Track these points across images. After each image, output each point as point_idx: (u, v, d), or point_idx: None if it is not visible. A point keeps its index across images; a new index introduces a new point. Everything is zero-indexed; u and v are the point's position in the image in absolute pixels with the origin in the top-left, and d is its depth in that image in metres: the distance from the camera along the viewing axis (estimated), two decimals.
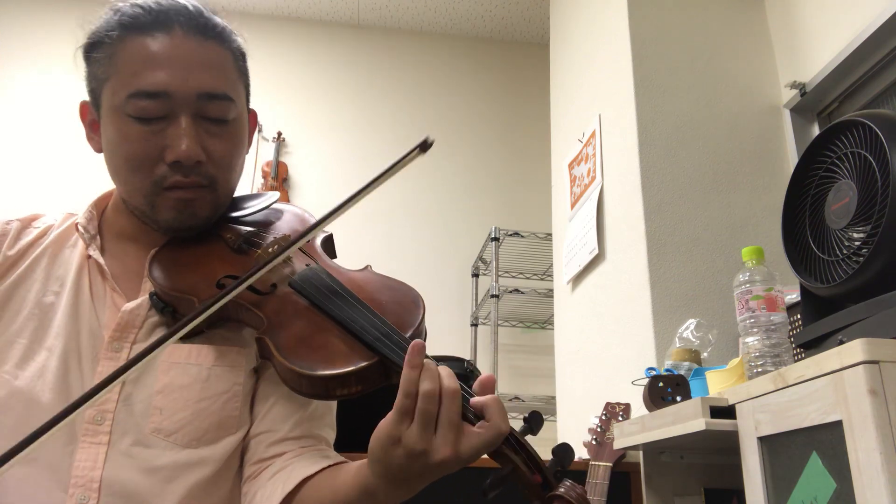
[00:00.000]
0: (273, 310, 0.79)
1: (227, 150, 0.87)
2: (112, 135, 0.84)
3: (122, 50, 0.83)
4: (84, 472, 0.76)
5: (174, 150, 0.81)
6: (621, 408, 1.71)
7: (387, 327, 0.73)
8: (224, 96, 0.85)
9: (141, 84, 0.81)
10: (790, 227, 1.32)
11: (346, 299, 0.78)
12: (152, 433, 0.79)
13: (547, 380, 2.94)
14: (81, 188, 3.48)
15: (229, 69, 0.87)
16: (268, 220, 0.95)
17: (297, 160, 3.97)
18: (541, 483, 0.64)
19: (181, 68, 0.82)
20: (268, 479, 0.82)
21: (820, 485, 0.97)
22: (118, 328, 0.83)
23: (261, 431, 0.86)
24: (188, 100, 0.82)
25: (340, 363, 0.71)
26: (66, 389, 0.80)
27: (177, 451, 0.80)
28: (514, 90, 4.30)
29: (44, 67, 3.84)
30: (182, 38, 0.83)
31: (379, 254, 3.67)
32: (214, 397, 0.83)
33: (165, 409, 0.80)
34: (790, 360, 1.28)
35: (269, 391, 0.88)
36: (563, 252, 2.67)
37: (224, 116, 0.85)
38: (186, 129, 0.82)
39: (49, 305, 0.84)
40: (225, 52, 0.87)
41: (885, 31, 1.89)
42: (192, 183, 0.84)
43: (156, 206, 0.85)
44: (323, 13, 4.22)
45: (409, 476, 0.66)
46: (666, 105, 2.22)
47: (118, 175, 0.87)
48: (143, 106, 0.81)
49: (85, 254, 0.89)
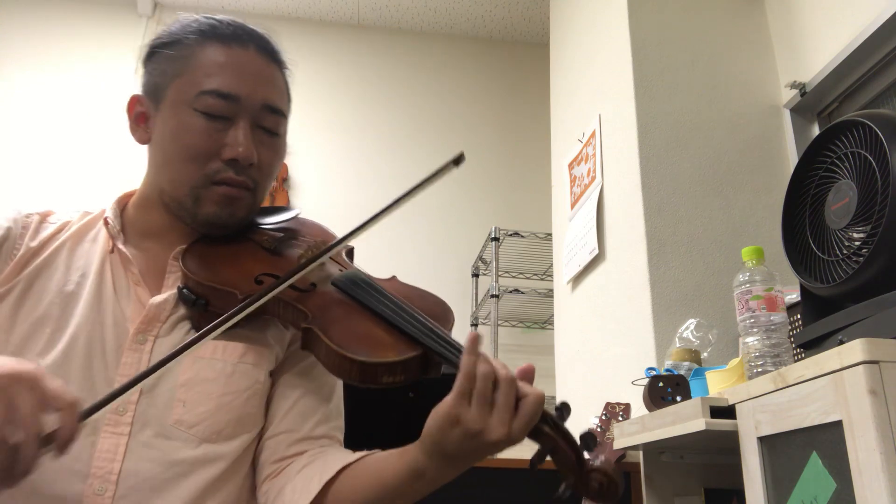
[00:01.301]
0: (317, 305, 0.84)
1: (273, 160, 0.94)
2: (174, 126, 0.89)
3: (199, 52, 0.90)
4: (104, 462, 0.78)
5: (233, 148, 0.88)
6: (621, 408, 1.71)
7: (430, 323, 0.79)
8: (281, 112, 0.94)
9: (215, 84, 0.88)
10: (790, 227, 1.32)
11: (385, 296, 0.84)
12: (174, 425, 0.81)
13: (547, 380, 2.94)
14: (81, 188, 3.49)
15: (285, 92, 0.97)
16: (295, 228, 1.01)
17: (297, 160, 3.97)
18: (576, 460, 0.70)
19: (252, 79, 0.90)
20: (297, 472, 0.84)
21: (820, 485, 0.97)
22: (145, 321, 0.85)
23: (281, 431, 0.88)
24: (253, 107, 0.90)
25: (389, 352, 0.76)
26: (90, 379, 0.81)
27: (195, 446, 0.82)
28: (514, 90, 4.29)
29: (44, 67, 3.84)
30: (255, 55, 0.92)
31: (379, 254, 3.66)
32: (237, 393, 0.85)
33: (188, 402, 0.83)
34: (790, 360, 1.28)
35: (288, 392, 0.90)
36: (563, 252, 2.67)
37: (276, 129, 0.94)
38: (246, 132, 0.89)
39: (70, 294, 0.86)
40: (283, 77, 0.97)
41: (885, 31, 1.89)
42: (240, 182, 0.89)
43: (200, 199, 0.89)
44: (323, 13, 4.22)
45: (462, 455, 0.70)
46: (666, 105, 2.22)
47: (169, 164, 0.91)
48: (213, 104, 0.88)
49: (107, 248, 0.91)
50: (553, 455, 0.70)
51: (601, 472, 0.69)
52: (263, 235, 0.96)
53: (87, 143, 3.70)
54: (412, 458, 0.74)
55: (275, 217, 1.02)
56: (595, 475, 0.69)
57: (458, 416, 0.68)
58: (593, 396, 2.21)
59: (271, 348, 0.90)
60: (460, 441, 0.68)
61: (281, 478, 0.85)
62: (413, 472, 0.74)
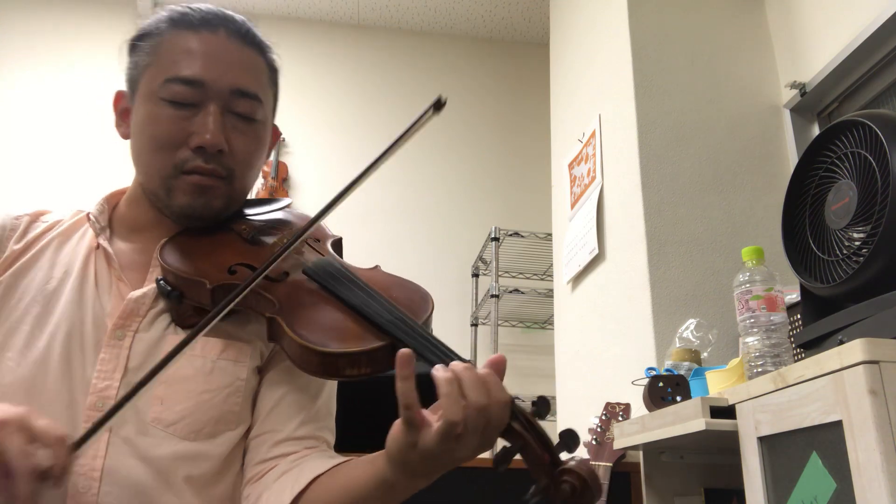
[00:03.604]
0: (285, 293, 0.81)
1: (249, 147, 0.90)
2: (142, 117, 0.88)
3: (167, 41, 0.89)
4: (87, 460, 0.77)
5: (200, 135, 0.85)
6: (621, 408, 1.71)
7: (400, 313, 0.74)
8: (254, 96, 0.90)
9: (179, 70, 0.86)
10: (790, 227, 1.32)
11: (358, 285, 0.80)
12: (152, 423, 0.80)
13: (547, 380, 2.94)
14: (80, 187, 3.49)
15: (262, 76, 0.93)
16: (281, 219, 0.99)
17: (297, 160, 3.97)
18: (549, 461, 0.64)
19: (219, 63, 0.87)
20: (274, 479, 0.82)
21: (820, 485, 0.97)
22: (122, 316, 0.84)
23: (264, 431, 0.86)
24: (221, 92, 0.87)
25: (353, 342, 0.72)
26: (69, 376, 0.80)
27: (175, 442, 0.80)
28: (514, 90, 4.29)
29: (44, 67, 3.84)
30: (225, 39, 0.89)
31: (379, 254, 3.66)
32: (217, 390, 0.84)
33: (166, 400, 0.81)
34: (790, 360, 1.28)
35: (273, 390, 0.88)
36: (563, 252, 2.67)
37: (251, 115, 0.90)
38: (214, 118, 0.86)
39: (52, 292, 0.85)
40: (261, 60, 0.93)
41: (885, 31, 1.89)
42: (210, 170, 0.87)
43: (172, 190, 0.88)
44: (323, 13, 4.22)
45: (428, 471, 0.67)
46: (666, 105, 2.22)
47: (141, 156, 0.90)
48: (178, 91, 0.86)
49: (92, 244, 0.90)
50: (522, 454, 0.65)
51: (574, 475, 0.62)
52: (243, 226, 0.93)
53: (86, 143, 3.70)
54: (380, 469, 0.71)
55: (262, 207, 1.00)
56: (568, 478, 0.62)
57: (413, 442, 0.64)
58: (593, 396, 2.21)
59: (253, 344, 0.88)
60: (421, 462, 0.65)
61: (260, 484, 0.83)
62: (383, 483, 0.71)
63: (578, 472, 0.62)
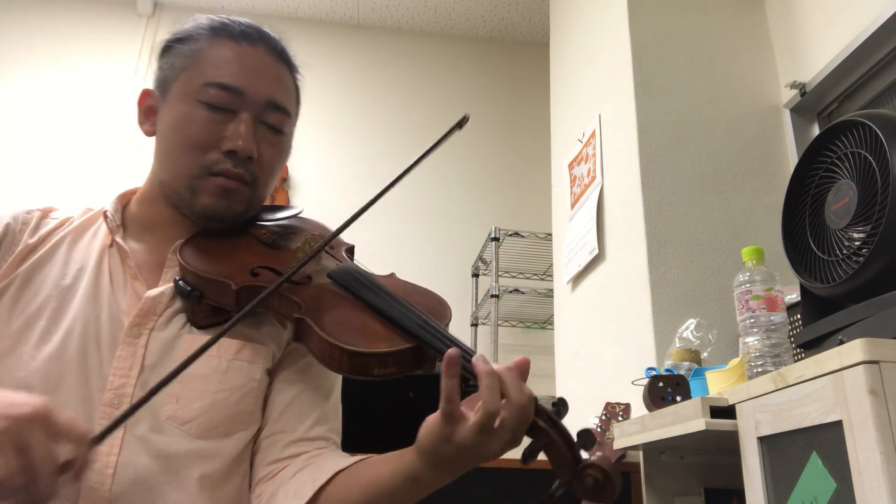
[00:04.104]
0: (311, 296, 0.83)
1: (275, 157, 0.94)
2: (176, 116, 0.90)
3: (208, 47, 0.92)
4: (101, 456, 0.77)
5: (233, 140, 0.88)
6: (621, 408, 1.71)
7: (426, 317, 0.78)
8: (285, 110, 0.94)
9: (220, 76, 0.89)
10: (790, 227, 1.32)
11: (382, 289, 0.83)
12: (167, 420, 0.81)
13: (547, 380, 2.94)
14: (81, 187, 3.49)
15: (292, 93, 0.98)
16: (295, 225, 1.02)
17: (297, 160, 3.97)
18: (571, 456, 0.67)
19: (258, 75, 0.92)
20: (290, 476, 0.83)
21: (820, 485, 0.97)
22: (140, 314, 0.85)
23: (276, 431, 0.87)
24: (256, 102, 0.91)
25: (382, 343, 0.75)
26: (85, 372, 0.81)
27: (189, 440, 0.81)
28: (514, 90, 4.29)
29: (44, 67, 3.84)
30: (264, 53, 0.94)
31: (379, 254, 3.66)
32: (231, 390, 0.85)
33: (182, 398, 0.82)
34: (790, 360, 1.28)
35: (287, 390, 0.90)
36: (563, 252, 2.67)
37: (280, 127, 0.94)
38: (248, 125, 0.89)
39: (67, 288, 0.86)
40: (292, 79, 0.98)
41: (885, 31, 1.89)
42: (238, 175, 0.90)
43: (197, 191, 0.90)
44: (323, 13, 4.22)
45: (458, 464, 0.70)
46: (666, 105, 2.22)
47: (170, 154, 0.92)
48: (216, 95, 0.89)
49: (106, 242, 0.91)
50: (547, 451, 0.68)
51: (597, 469, 0.66)
52: (262, 230, 0.96)
53: (86, 143, 3.70)
54: (408, 463, 0.73)
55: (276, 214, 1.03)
56: (591, 472, 0.66)
57: (449, 435, 0.67)
58: (593, 396, 2.21)
59: (267, 345, 0.90)
60: (454, 455, 0.68)
61: (274, 482, 0.84)
62: (409, 478, 0.73)
63: (601, 465, 0.66)
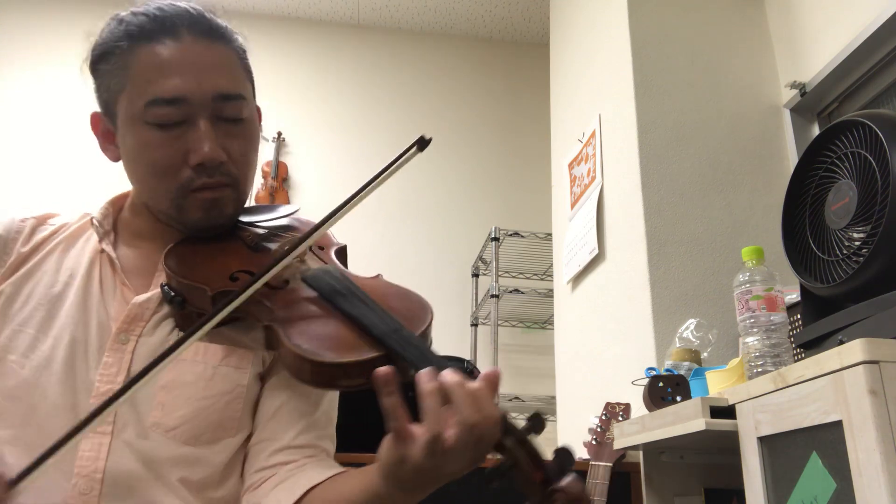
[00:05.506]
0: (283, 302, 0.80)
1: (245, 147, 0.89)
2: (132, 144, 0.85)
3: (133, 60, 0.84)
4: (88, 462, 0.77)
5: (197, 153, 0.83)
6: (621, 408, 1.71)
7: (396, 324, 0.73)
8: (238, 96, 0.87)
9: (157, 91, 0.82)
10: (790, 227, 1.32)
11: (357, 295, 0.79)
12: (151, 427, 0.80)
13: (547, 380, 2.94)
14: (81, 188, 3.49)
15: (237, 68, 0.89)
16: (286, 226, 0.98)
17: (297, 160, 3.97)
18: (542, 480, 0.62)
19: (194, 73, 0.84)
20: (271, 489, 0.82)
21: (820, 485, 0.97)
22: (126, 320, 0.84)
23: (263, 439, 0.86)
24: (205, 103, 0.84)
25: (347, 353, 0.71)
26: (73, 380, 0.81)
27: (177, 446, 0.81)
28: (514, 90, 4.29)
29: (44, 67, 3.84)
30: (191, 42, 0.85)
31: (379, 254, 3.67)
32: (217, 396, 0.83)
33: (167, 405, 0.81)
34: (790, 360, 1.28)
35: (274, 397, 0.88)
36: (563, 252, 2.67)
37: (239, 115, 0.88)
38: (206, 131, 0.84)
39: (57, 296, 0.85)
40: (231, 52, 0.89)
41: (885, 31, 1.89)
42: (217, 183, 0.86)
43: (183, 209, 0.87)
44: (323, 13, 4.22)
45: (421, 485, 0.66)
46: (666, 105, 2.22)
47: (143, 182, 0.88)
48: (162, 113, 0.83)
49: (97, 248, 0.90)
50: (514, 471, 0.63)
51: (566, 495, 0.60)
52: (249, 233, 0.93)
53: (87, 143, 3.69)
54: (373, 482, 0.70)
55: (270, 214, 1.00)
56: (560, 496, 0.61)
57: (402, 457, 0.62)
58: (593, 396, 2.21)
59: (255, 351, 0.87)
60: (413, 475, 0.63)
61: (257, 493, 0.83)
62: (374, 497, 0.70)
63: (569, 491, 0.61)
